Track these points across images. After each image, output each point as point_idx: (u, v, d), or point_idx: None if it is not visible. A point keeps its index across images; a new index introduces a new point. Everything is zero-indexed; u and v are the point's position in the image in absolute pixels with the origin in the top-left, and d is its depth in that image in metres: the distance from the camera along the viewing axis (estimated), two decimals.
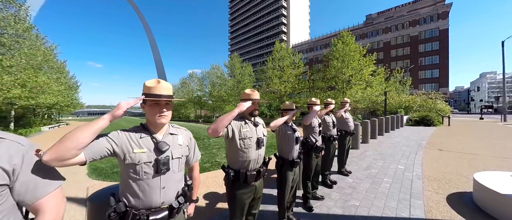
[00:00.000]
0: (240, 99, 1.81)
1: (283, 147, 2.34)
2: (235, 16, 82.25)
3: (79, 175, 4.64)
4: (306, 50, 60.05)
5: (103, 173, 4.80)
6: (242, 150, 1.68)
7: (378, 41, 47.34)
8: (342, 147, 4.21)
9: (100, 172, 4.84)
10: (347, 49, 15.96)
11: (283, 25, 66.20)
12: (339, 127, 4.21)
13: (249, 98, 1.76)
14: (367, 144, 7.40)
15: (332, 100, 3.67)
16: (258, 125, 1.83)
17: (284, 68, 20.78)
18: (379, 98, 16.61)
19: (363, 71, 15.99)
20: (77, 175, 4.64)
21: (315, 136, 2.92)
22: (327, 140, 3.55)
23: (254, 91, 1.80)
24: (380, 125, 9.64)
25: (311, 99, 3.05)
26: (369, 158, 5.46)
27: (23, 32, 11.21)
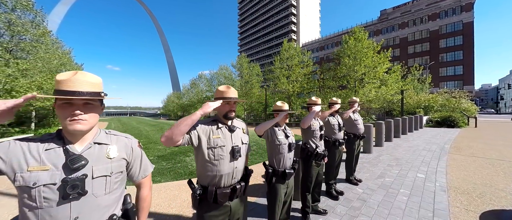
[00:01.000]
0: (214, 97, 1.48)
1: (273, 155, 1.96)
2: (244, 16, 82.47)
3: None
4: (317, 49, 58.56)
5: None
6: (211, 161, 1.34)
7: (394, 37, 44.88)
8: (350, 152, 3.73)
9: None
10: (360, 46, 15.06)
11: (292, 24, 65.18)
12: (347, 129, 3.75)
13: (221, 97, 1.42)
14: (381, 148, 6.75)
15: (338, 100, 3.23)
16: (235, 130, 1.48)
17: (293, 67, 20.18)
18: (395, 97, 15.49)
19: (377, 69, 14.99)
20: None
21: (316, 141, 2.51)
22: (332, 145, 3.11)
23: (229, 88, 1.46)
24: (396, 126, 8.87)
25: (310, 98, 2.64)
26: (383, 164, 4.88)
27: (40, 37, 11.76)
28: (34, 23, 11.65)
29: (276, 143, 1.94)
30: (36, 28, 11.72)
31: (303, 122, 2.34)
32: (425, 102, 16.92)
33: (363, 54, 15.01)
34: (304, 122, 2.34)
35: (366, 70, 15.26)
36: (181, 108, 37.72)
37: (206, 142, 1.34)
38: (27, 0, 11.40)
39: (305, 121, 2.34)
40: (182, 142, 1.24)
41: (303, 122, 2.34)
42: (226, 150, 1.37)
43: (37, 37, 11.62)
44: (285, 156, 1.95)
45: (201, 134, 1.34)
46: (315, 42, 60.14)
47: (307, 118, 2.34)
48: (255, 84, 23.77)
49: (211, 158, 1.33)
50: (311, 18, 71.52)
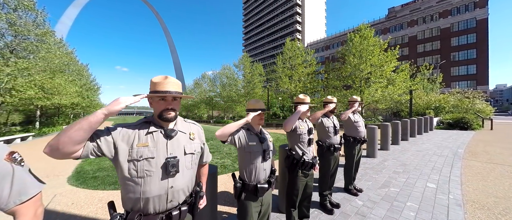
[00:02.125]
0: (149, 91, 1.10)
1: (243, 165, 1.59)
2: (249, 16, 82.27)
3: (60, 178, 4.35)
4: (322, 49, 57.59)
5: (83, 178, 4.45)
6: (133, 179, 0.98)
7: (403, 35, 43.44)
8: (349, 158, 3.29)
9: (81, 177, 4.50)
10: (365, 44, 14.40)
11: (297, 23, 64.41)
12: (346, 132, 3.32)
13: (154, 90, 1.06)
14: (386, 152, 6.22)
15: (333, 98, 2.81)
16: (174, 135, 1.11)
17: (296, 67, 19.66)
18: (403, 97, 14.74)
19: (383, 68, 14.30)
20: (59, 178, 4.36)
21: (303, 147, 2.11)
22: (326, 150, 2.70)
23: (167, 79, 1.11)
24: (404, 128, 8.29)
25: (297, 96, 2.24)
26: (388, 171, 4.40)
27: (41, 36, 11.82)
28: (35, 23, 11.72)
29: (247, 150, 1.56)
30: (37, 28, 11.80)
31: (286, 123, 1.95)
32: (436, 103, 16.05)
33: (369, 52, 14.35)
34: (287, 123, 1.94)
35: (372, 69, 14.59)
36: (184, 108, 37.82)
37: (127, 152, 0.98)
38: (29, 1, 11.50)
39: (287, 122, 1.94)
40: (82, 153, 0.88)
41: (286, 124, 1.94)
42: (156, 163, 1.00)
43: (38, 37, 11.70)
44: (258, 167, 1.57)
45: (119, 141, 0.98)
46: (321, 42, 59.17)
47: (290, 118, 1.94)
48: (258, 84, 23.38)
49: (133, 175, 0.97)
50: (316, 18, 70.50)
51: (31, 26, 11.45)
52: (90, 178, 4.51)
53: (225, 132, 1.47)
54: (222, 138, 1.49)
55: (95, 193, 3.69)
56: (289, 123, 1.93)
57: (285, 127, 1.96)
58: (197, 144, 1.20)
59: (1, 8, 10.70)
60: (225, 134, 1.47)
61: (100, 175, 4.72)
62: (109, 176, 4.64)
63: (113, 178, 4.48)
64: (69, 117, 24.51)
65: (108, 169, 5.13)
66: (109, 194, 3.63)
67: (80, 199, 3.42)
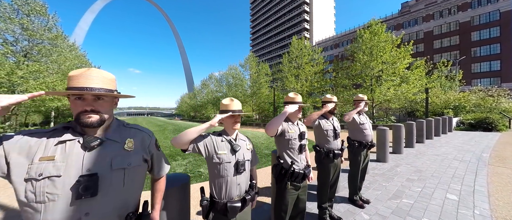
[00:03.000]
0: None
1: (211, 178, 1.31)
2: (256, 16, 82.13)
3: None
4: (331, 47, 56.12)
5: None
6: (30, 204, 0.71)
7: (418, 31, 41.24)
8: (355, 164, 2.90)
9: None
10: (376, 40, 13.63)
11: (305, 22, 63.34)
12: (351, 135, 2.95)
13: None
14: (399, 156, 5.69)
15: (332, 97, 2.46)
16: (94, 145, 0.84)
17: (303, 66, 19.10)
18: (418, 96, 13.80)
19: (396, 65, 13.45)
20: None
21: (293, 154, 1.79)
22: (324, 157, 2.34)
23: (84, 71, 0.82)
24: (419, 129, 7.64)
25: (287, 95, 1.92)
26: (401, 178, 3.93)
27: (53, 40, 12.25)
28: (47, 27, 12.16)
29: (214, 161, 1.27)
30: (49, 32, 12.24)
31: (268, 126, 1.63)
32: (455, 102, 14.89)
33: (380, 49, 13.56)
34: (269, 126, 1.63)
35: (383, 66, 13.77)
36: (192, 109, 38.26)
37: (26, 169, 0.73)
38: (41, 6, 11.95)
39: (270, 125, 1.63)
40: None
41: (268, 127, 1.63)
42: (63, 183, 0.74)
43: (50, 40, 12.13)
44: (230, 182, 1.27)
45: (16, 153, 0.73)
46: (330, 40, 57.70)
47: (274, 121, 1.63)
48: (264, 84, 23.02)
49: (30, 199, 0.71)
50: (325, 15, 68.98)
51: (43, 30, 11.90)
52: None
53: (182, 139, 1.18)
54: (179, 146, 1.21)
55: None
56: (271, 125, 1.61)
57: (268, 130, 1.64)
58: (135, 155, 0.93)
59: (16, 15, 11.20)
60: (183, 142, 1.19)
61: None
62: None
63: None
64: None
65: None
66: None
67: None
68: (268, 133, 1.65)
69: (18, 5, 11.34)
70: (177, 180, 1.51)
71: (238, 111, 1.38)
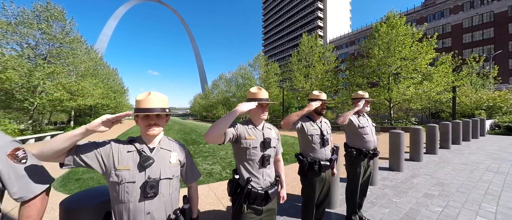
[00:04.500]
0: None
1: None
2: (268, 16, 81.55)
3: None
4: (346, 44, 53.72)
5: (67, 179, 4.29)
6: None
7: (444, 24, 37.73)
8: (353, 178, 2.37)
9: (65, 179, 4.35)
10: (394, 34, 12.42)
11: (318, 19, 61.39)
12: (348, 142, 2.44)
13: None
14: (417, 164, 4.91)
15: (320, 94, 1.97)
16: None
17: (313, 63, 18.22)
18: (444, 95, 12.34)
19: (417, 61, 12.14)
20: None
21: (251, 168, 1.37)
22: (309, 169, 1.86)
23: None
24: (443, 132, 6.68)
25: (249, 90, 1.49)
26: (417, 193, 3.26)
27: (69, 44, 12.93)
28: (64, 31, 12.87)
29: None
30: (66, 36, 12.96)
31: (208, 133, 1.22)
32: (489, 102, 13.12)
33: (398, 43, 12.34)
34: (209, 133, 1.21)
35: (402, 63, 12.52)
36: (204, 109, 38.87)
37: None
38: (59, 12, 12.68)
39: (210, 131, 1.21)
40: None
41: (206, 135, 1.22)
42: None
43: (67, 44, 12.84)
44: (135, 209, 0.89)
45: None
46: (345, 37, 55.25)
47: (216, 123, 1.21)
48: (273, 83, 22.45)
49: None
50: (340, 11, 66.29)
51: (61, 34, 12.61)
52: (73, 180, 4.35)
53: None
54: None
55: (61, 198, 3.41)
56: (212, 131, 1.20)
57: (206, 137, 1.23)
58: None
59: (37, 20, 11.98)
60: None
61: (84, 177, 4.55)
62: (92, 178, 4.43)
63: (95, 181, 4.24)
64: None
65: (94, 171, 4.98)
66: None
67: None
68: (207, 141, 1.23)
69: (39, 11, 12.13)
70: None
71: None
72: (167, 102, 1.08)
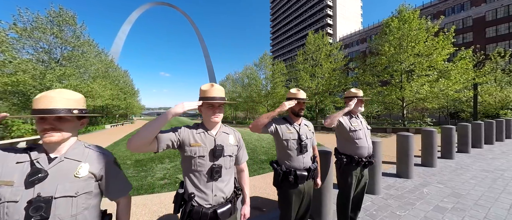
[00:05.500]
0: None
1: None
2: (276, 16, 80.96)
3: None
4: (357, 42, 51.89)
5: None
6: None
7: (464, 18, 35.22)
8: (343, 189, 2.05)
9: None
10: (406, 29, 11.61)
11: (328, 17, 59.89)
12: (339, 147, 2.13)
13: None
14: (430, 170, 4.42)
15: (298, 92, 1.69)
16: None
17: (320, 62, 17.61)
18: (463, 94, 11.34)
19: (432, 57, 11.26)
20: None
21: (197, 181, 1.16)
22: (283, 179, 1.59)
23: None
24: (462, 135, 6.05)
25: (200, 87, 1.25)
26: (427, 205, 2.85)
27: (80, 47, 13.45)
28: (75, 35, 13.40)
29: None
30: (77, 40, 13.49)
31: (131, 140, 1.00)
32: None
33: (411, 39, 11.51)
34: (131, 140, 1.00)
35: (416, 60, 11.66)
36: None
37: None
38: (70, 17, 13.23)
39: (133, 137, 0.99)
40: None
41: (130, 141, 1.00)
42: None
43: (77, 47, 13.36)
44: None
45: None
46: (355, 35, 53.42)
47: (141, 129, 1.00)
48: (279, 83, 22.06)
49: None
50: (350, 8, 64.27)
51: (72, 38, 13.15)
52: None
53: None
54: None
55: None
56: (136, 138, 0.98)
57: (128, 145, 1.00)
58: None
59: (50, 25, 12.56)
60: None
61: None
62: None
63: None
64: (115, 117, 28.11)
65: None
66: None
67: None
68: (132, 150, 1.01)
69: (53, 17, 12.71)
70: None
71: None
72: (79, 102, 0.90)
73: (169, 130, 1.14)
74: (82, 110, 0.92)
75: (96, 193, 0.93)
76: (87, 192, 0.88)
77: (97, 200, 0.94)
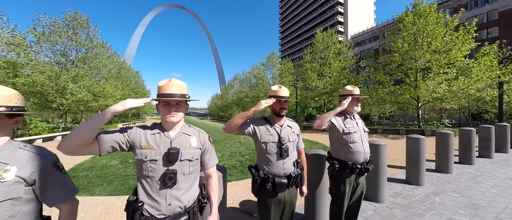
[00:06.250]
0: None
1: None
2: (285, 15, 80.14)
3: None
4: (370, 40, 49.98)
5: None
6: None
7: (489, 11, 32.64)
8: (336, 199, 1.84)
9: None
10: (422, 23, 10.85)
11: (339, 14, 58.25)
12: (332, 152, 1.93)
13: None
14: (445, 176, 4.02)
15: (279, 89, 1.51)
16: None
17: (329, 60, 17.05)
18: (487, 93, 10.40)
19: (451, 53, 10.43)
20: None
21: (150, 189, 1.05)
22: (260, 186, 1.42)
23: None
24: (484, 138, 5.51)
25: (160, 81, 1.14)
26: (438, 216, 2.55)
27: (92, 49, 14.06)
28: (89, 38, 14.02)
29: None
30: (90, 42, 14.11)
31: (62, 142, 0.89)
32: None
33: (428, 34, 10.75)
34: (63, 141, 0.89)
35: (433, 56, 10.87)
36: (220, 109, 39.64)
37: None
38: (84, 20, 13.85)
39: (65, 138, 0.88)
40: None
41: (62, 143, 0.90)
42: None
43: (90, 49, 13.97)
44: None
45: None
46: (368, 32, 51.48)
47: (76, 129, 0.88)
48: (287, 83, 21.71)
49: None
50: (362, 5, 62.08)
51: (85, 41, 13.76)
52: (82, 177, 4.50)
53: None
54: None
55: None
56: (67, 143, 0.85)
57: (61, 147, 0.88)
58: None
59: (66, 29, 13.23)
60: None
61: (90, 174, 4.68)
62: (100, 177, 4.52)
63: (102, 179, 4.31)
64: (128, 116, 29.20)
65: (102, 168, 5.14)
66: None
67: None
68: (65, 153, 0.90)
69: (68, 21, 13.37)
70: None
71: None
72: (9, 99, 0.83)
73: (115, 130, 1.02)
74: (13, 107, 0.82)
75: (28, 199, 0.82)
76: (13, 199, 0.77)
77: (31, 207, 0.83)
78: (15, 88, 9.45)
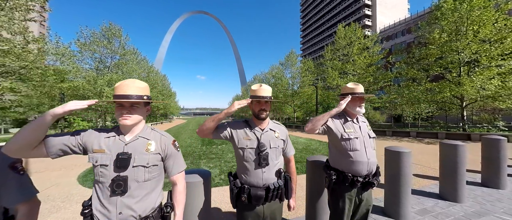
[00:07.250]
0: None
1: None
2: (307, 11, 77.61)
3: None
4: (403, 32, 45.21)
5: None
6: None
7: None
8: (333, 215, 1.57)
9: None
10: (465, 9, 9.28)
11: (366, 7, 54.07)
12: (330, 161, 1.69)
13: None
14: (493, 193, 3.32)
15: (259, 89, 1.33)
16: None
17: (352, 57, 15.83)
18: None
19: (506, 41, 8.68)
20: None
21: (101, 194, 1.02)
22: (235, 198, 1.26)
23: None
24: None
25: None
26: None
27: (123, 56, 15.60)
28: (121, 45, 15.57)
29: None
30: (122, 49, 15.67)
31: (7, 144, 0.86)
32: None
33: (473, 21, 9.16)
34: (8, 143, 0.86)
35: (481, 47, 9.21)
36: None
37: None
38: (117, 30, 15.42)
39: (10, 140, 0.84)
40: None
41: (7, 145, 0.88)
42: None
43: (122, 56, 15.53)
44: None
45: None
46: (400, 24, 46.65)
47: (19, 131, 0.88)
48: (307, 82, 20.89)
49: None
50: None
51: (118, 48, 15.32)
52: None
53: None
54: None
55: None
56: (12, 142, 0.82)
57: None
58: None
59: (102, 39, 14.90)
60: None
61: None
62: None
63: None
64: (156, 117, 31.69)
65: None
66: None
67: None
68: (11, 155, 0.87)
69: (104, 31, 15.04)
70: None
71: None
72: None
73: (66, 133, 0.98)
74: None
75: None
76: None
77: None
78: (61, 92, 10.96)
